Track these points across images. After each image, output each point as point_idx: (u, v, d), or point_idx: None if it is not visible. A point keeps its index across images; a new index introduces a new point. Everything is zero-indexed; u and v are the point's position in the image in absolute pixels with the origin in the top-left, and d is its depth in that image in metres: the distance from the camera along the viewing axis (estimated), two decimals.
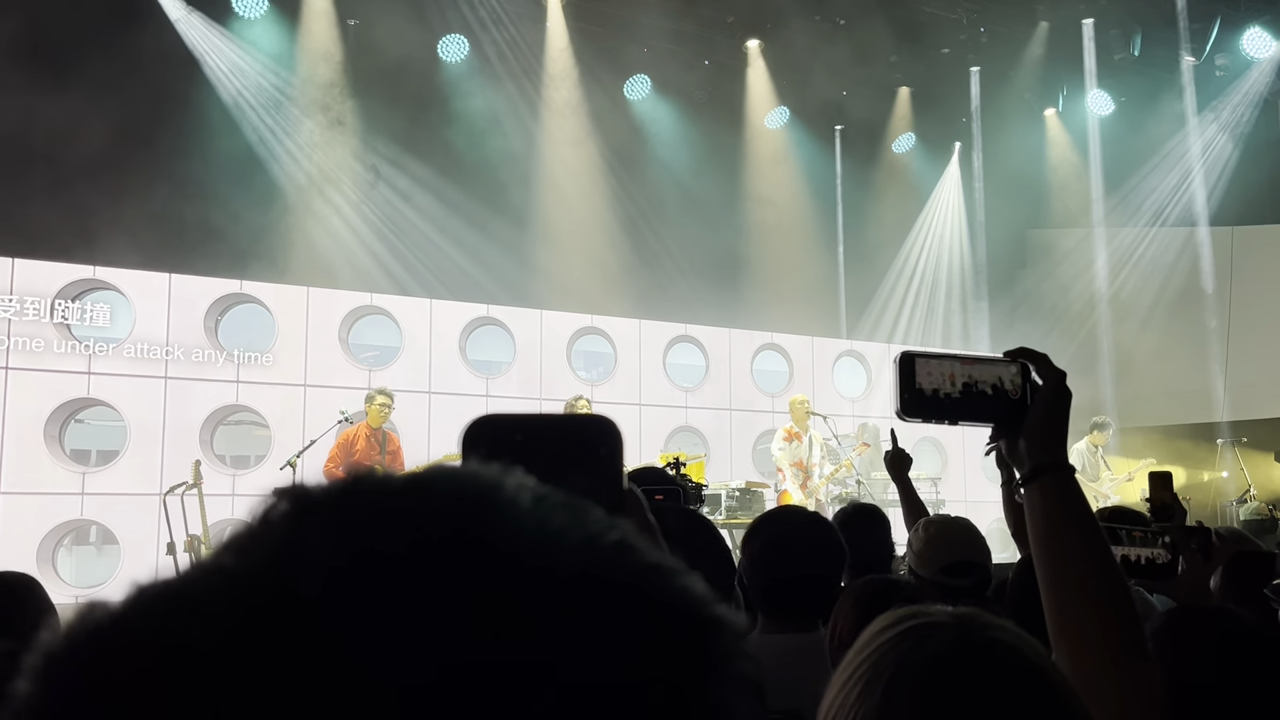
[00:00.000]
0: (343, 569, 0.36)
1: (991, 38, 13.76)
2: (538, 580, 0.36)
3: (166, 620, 0.35)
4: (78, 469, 9.50)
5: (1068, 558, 1.15)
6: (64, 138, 9.43)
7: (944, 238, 15.17)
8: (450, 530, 0.37)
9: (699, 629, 0.38)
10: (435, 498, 0.39)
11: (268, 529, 0.38)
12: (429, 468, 0.42)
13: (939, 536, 2.72)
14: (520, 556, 0.37)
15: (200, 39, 10.91)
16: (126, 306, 9.76)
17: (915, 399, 1.22)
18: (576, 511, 0.40)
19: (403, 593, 0.35)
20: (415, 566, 0.36)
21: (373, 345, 11.36)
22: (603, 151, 12.76)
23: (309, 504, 0.39)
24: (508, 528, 0.38)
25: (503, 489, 0.40)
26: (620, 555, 0.39)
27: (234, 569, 0.37)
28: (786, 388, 12.64)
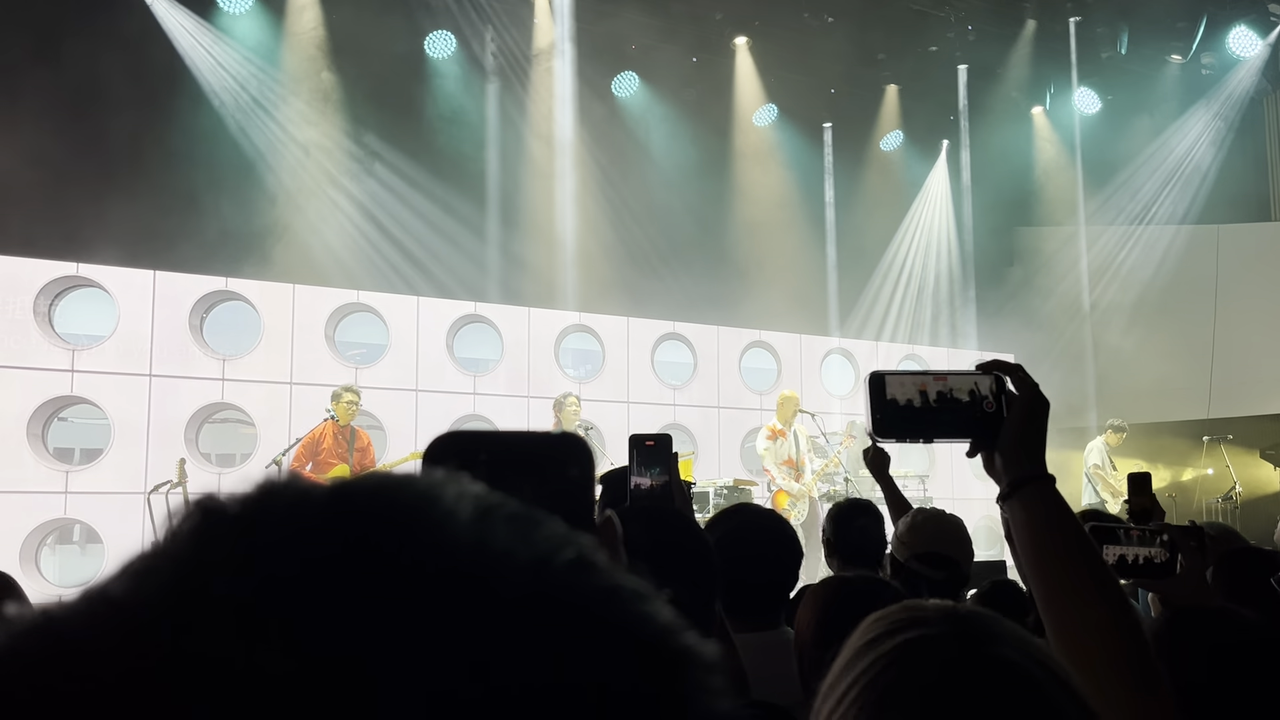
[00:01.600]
0: (242, 598, 0.31)
1: (979, 36, 13.78)
2: (474, 604, 0.32)
3: (39, 663, 0.31)
4: (61, 467, 9.43)
5: (1058, 568, 1.12)
6: (46, 134, 9.34)
7: (932, 235, 15.19)
8: (371, 545, 0.33)
9: (664, 663, 0.34)
10: (359, 509, 0.35)
11: (168, 549, 0.34)
12: (363, 474, 0.37)
13: (923, 525, 2.74)
14: (454, 576, 0.33)
15: (185, 34, 10.83)
16: (110, 304, 9.69)
17: (888, 418, 1.19)
18: (526, 525, 0.36)
19: (309, 619, 0.31)
20: (327, 588, 0.32)
21: (359, 343, 11.30)
22: (590, 148, 12.73)
23: (214, 520, 0.35)
24: (441, 543, 0.33)
25: (440, 498, 0.35)
26: (575, 576, 0.34)
27: (120, 597, 0.33)
28: (775, 385, 12.64)
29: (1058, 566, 1.12)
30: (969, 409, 1.20)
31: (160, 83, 10.43)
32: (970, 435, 1.21)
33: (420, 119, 11.88)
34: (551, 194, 12.45)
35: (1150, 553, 1.79)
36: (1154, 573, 1.80)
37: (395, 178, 11.65)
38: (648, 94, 13.23)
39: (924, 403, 1.19)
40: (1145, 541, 1.80)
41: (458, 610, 0.32)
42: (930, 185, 15.25)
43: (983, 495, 13.16)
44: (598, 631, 0.33)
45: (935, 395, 1.19)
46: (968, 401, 1.20)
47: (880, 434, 1.19)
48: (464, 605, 0.32)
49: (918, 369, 1.22)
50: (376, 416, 10.40)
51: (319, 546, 0.33)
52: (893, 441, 1.22)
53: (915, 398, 1.19)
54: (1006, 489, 1.18)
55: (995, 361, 1.23)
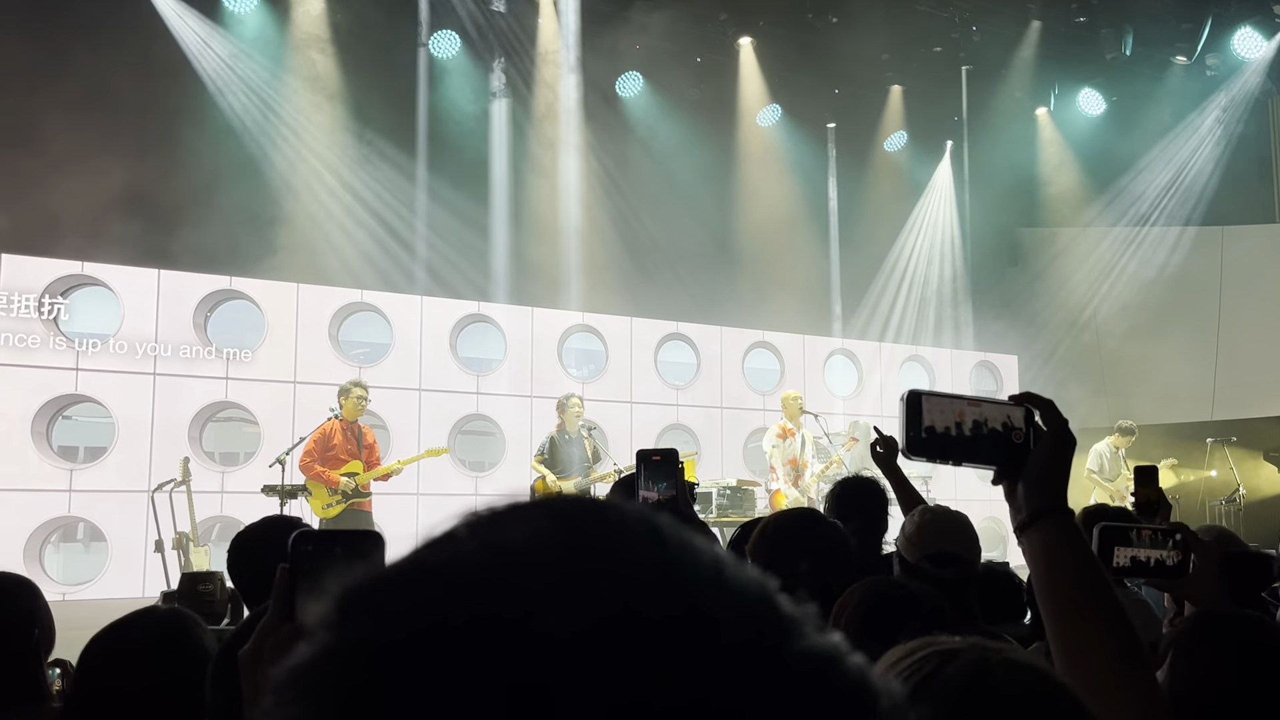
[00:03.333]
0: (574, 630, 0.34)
1: (984, 37, 13.76)
2: (774, 679, 0.35)
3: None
4: (65, 465, 9.45)
5: (1069, 599, 1.15)
6: (52, 132, 9.36)
7: (935, 236, 15.18)
8: (680, 610, 0.35)
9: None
10: (651, 564, 0.37)
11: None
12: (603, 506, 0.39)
13: (930, 524, 2.73)
14: (754, 648, 0.35)
15: (190, 32, 10.85)
16: (115, 302, 9.71)
17: (920, 438, 1.21)
18: (766, 583, 0.39)
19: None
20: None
21: (363, 342, 11.32)
22: (595, 148, 12.73)
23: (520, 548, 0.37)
24: (733, 609, 0.36)
25: (697, 554, 0.38)
26: (832, 648, 0.37)
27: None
28: (778, 386, 12.64)
29: (1068, 597, 1.15)
30: (999, 438, 1.22)
31: (166, 81, 10.45)
32: (996, 463, 1.24)
33: (425, 119, 11.89)
34: (555, 194, 12.46)
35: (1163, 554, 1.79)
36: (1167, 573, 1.80)
37: (399, 177, 11.66)
38: (652, 94, 13.24)
39: (956, 427, 1.21)
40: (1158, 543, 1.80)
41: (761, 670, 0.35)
42: (934, 186, 15.24)
43: (985, 496, 13.15)
44: (853, 700, 0.36)
45: (969, 421, 1.22)
46: (998, 431, 1.22)
47: (912, 452, 1.21)
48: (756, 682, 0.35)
49: (953, 393, 1.25)
50: (380, 416, 10.41)
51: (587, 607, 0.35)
52: (922, 460, 1.24)
53: (949, 421, 1.21)
54: (1025, 519, 1.20)
55: (1028, 395, 1.25)
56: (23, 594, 2.22)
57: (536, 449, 9.01)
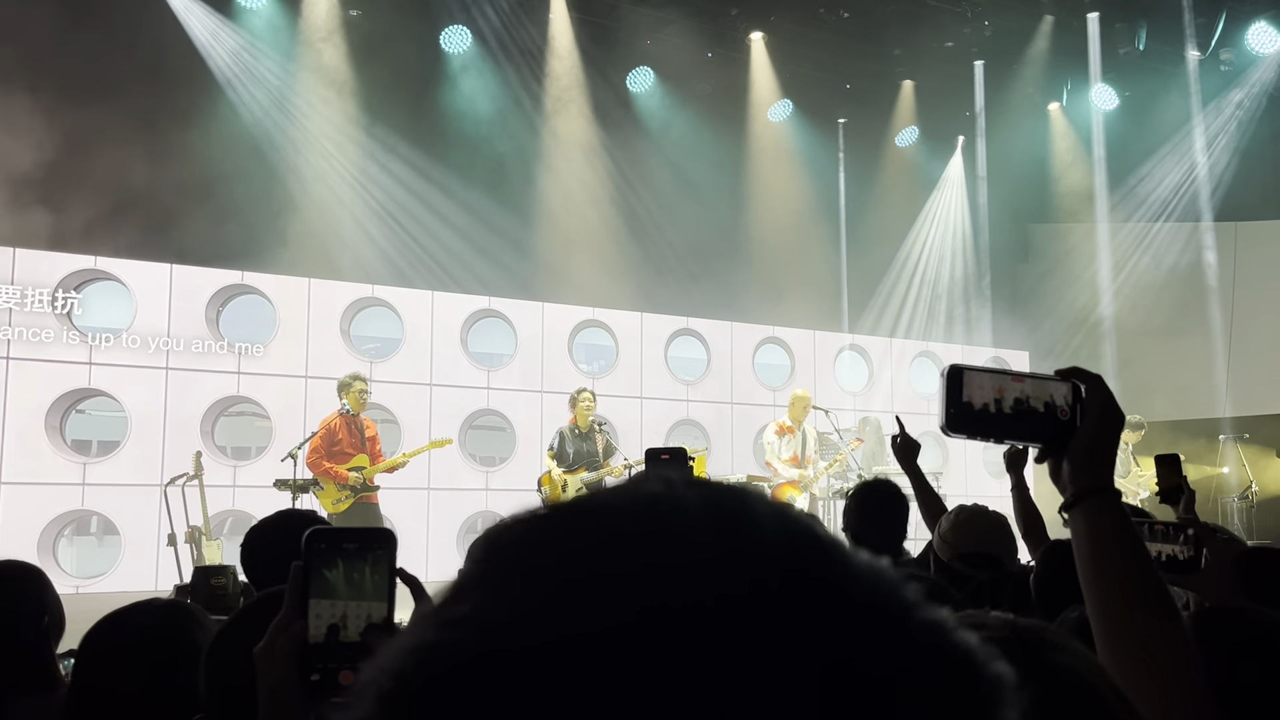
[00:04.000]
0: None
1: (996, 31, 13.71)
2: (900, 645, 0.37)
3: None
4: (79, 459, 9.50)
5: (1114, 580, 1.13)
6: (63, 127, 9.40)
7: (947, 231, 15.14)
8: (812, 577, 0.37)
9: (1005, 697, 0.39)
10: (768, 540, 0.38)
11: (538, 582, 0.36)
12: (734, 488, 0.40)
13: (967, 524, 2.69)
14: (882, 613, 0.37)
15: (202, 28, 10.87)
16: (128, 297, 9.75)
17: (961, 414, 1.16)
18: (874, 559, 0.40)
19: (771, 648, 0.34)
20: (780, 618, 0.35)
21: (374, 337, 11.35)
22: (605, 144, 12.73)
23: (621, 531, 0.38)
24: (859, 580, 0.38)
25: (822, 528, 0.40)
26: (938, 615, 0.39)
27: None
28: (788, 381, 12.63)
29: (1114, 578, 1.13)
30: (1043, 414, 1.18)
31: (177, 77, 10.48)
32: (1041, 440, 1.20)
33: (436, 114, 11.90)
34: (566, 189, 12.46)
35: (1175, 549, 1.79)
36: (1179, 568, 1.80)
37: (410, 172, 11.68)
38: (663, 89, 13.22)
39: (998, 403, 1.17)
40: (1170, 538, 1.80)
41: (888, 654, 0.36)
42: (945, 181, 15.19)
43: (997, 493, 13.11)
44: (970, 673, 0.38)
45: (1011, 397, 1.18)
46: (1042, 407, 1.18)
47: (952, 429, 1.17)
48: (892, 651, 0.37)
49: (995, 368, 1.21)
50: (390, 410, 10.44)
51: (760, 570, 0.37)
52: (963, 438, 1.20)
53: (991, 397, 1.17)
54: (1070, 499, 1.18)
55: (1074, 369, 1.21)
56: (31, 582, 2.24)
57: (547, 444, 9.03)
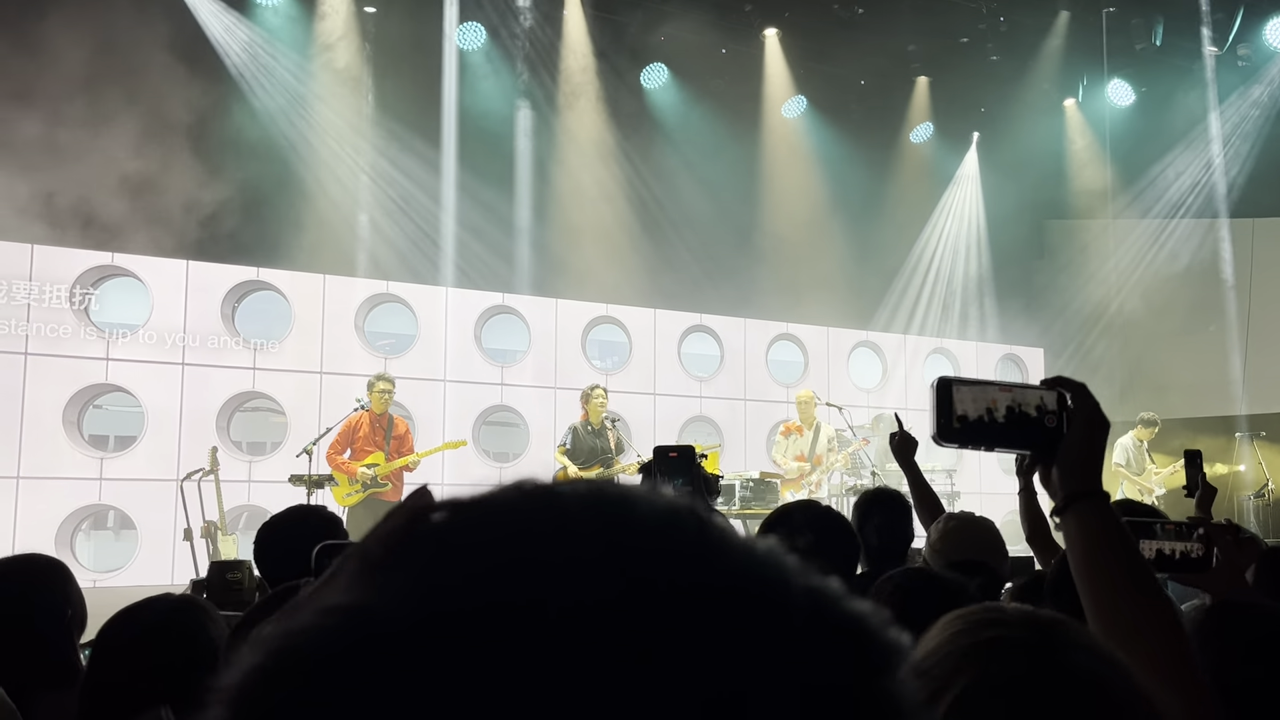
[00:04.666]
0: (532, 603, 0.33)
1: (1011, 27, 13.64)
2: (776, 630, 0.35)
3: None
4: (96, 454, 9.57)
5: (1107, 582, 1.16)
6: (80, 124, 9.46)
7: (961, 228, 15.08)
8: (674, 571, 0.35)
9: (896, 660, 0.37)
10: (643, 529, 0.37)
11: (403, 554, 0.35)
12: (615, 487, 0.39)
13: (955, 532, 2.71)
14: (754, 599, 0.35)
15: (218, 25, 10.92)
16: (144, 293, 9.82)
17: (951, 425, 1.20)
18: (771, 546, 0.39)
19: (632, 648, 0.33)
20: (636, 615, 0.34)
21: (388, 333, 11.39)
22: (619, 140, 12.73)
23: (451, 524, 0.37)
24: (731, 565, 0.36)
25: (703, 515, 0.38)
26: (832, 593, 0.38)
27: (359, 605, 0.34)
28: (801, 378, 12.62)
29: (1107, 580, 1.16)
30: (1031, 422, 1.22)
31: (193, 73, 10.51)
32: (1030, 448, 1.24)
33: (450, 110, 11.92)
34: (579, 185, 12.47)
35: (1186, 547, 1.80)
36: (1190, 567, 1.80)
37: (424, 168, 11.70)
38: (676, 85, 13.21)
39: (988, 413, 1.21)
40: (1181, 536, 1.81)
41: (764, 631, 0.35)
42: (960, 177, 15.13)
43: (1010, 490, 13.07)
44: (849, 643, 0.37)
45: (1000, 406, 1.21)
46: (1031, 415, 1.22)
47: (943, 440, 1.21)
48: (767, 624, 0.35)
49: (984, 379, 1.25)
50: (405, 406, 10.48)
51: (616, 567, 0.35)
52: (954, 447, 1.24)
53: (980, 407, 1.21)
54: (1061, 503, 1.21)
55: (1060, 378, 1.25)
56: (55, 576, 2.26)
57: (560, 440, 9.05)
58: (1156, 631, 1.11)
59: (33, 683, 2.07)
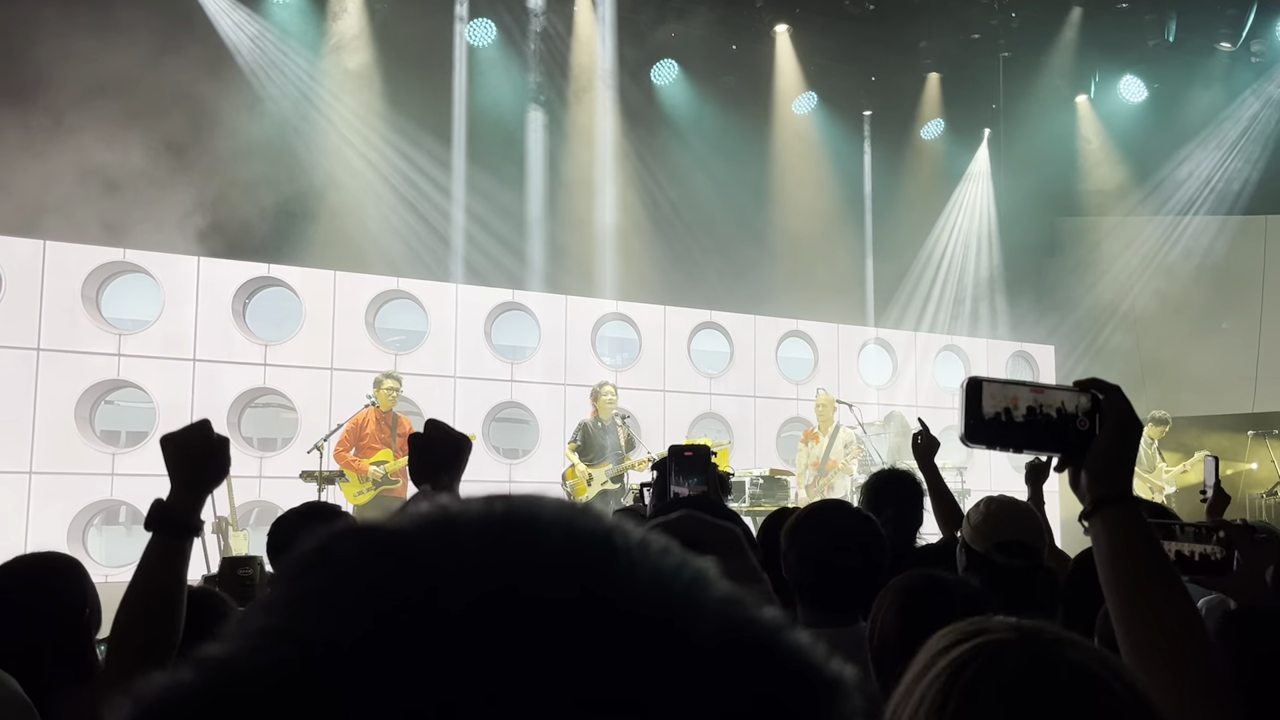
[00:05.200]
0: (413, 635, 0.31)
1: (1023, 23, 13.59)
2: (677, 653, 0.32)
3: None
4: (108, 450, 9.61)
5: (1134, 587, 1.15)
6: (90, 120, 9.49)
7: (972, 225, 15.03)
8: (573, 591, 0.33)
9: (828, 699, 0.35)
10: (545, 547, 0.34)
11: (314, 582, 0.33)
12: (518, 498, 0.36)
13: (999, 514, 2.74)
14: (656, 623, 0.33)
15: (227, 20, 10.94)
16: (156, 289, 9.85)
17: (981, 425, 1.20)
18: (690, 563, 0.35)
19: (519, 670, 0.31)
20: (535, 632, 0.31)
21: (399, 329, 11.41)
22: (629, 136, 12.72)
23: (380, 543, 0.34)
24: (634, 587, 0.33)
25: (617, 534, 0.35)
26: (749, 617, 0.35)
27: (266, 633, 0.33)
28: (812, 375, 12.60)
29: (1134, 583, 1.15)
30: (1061, 424, 1.21)
31: (204, 69, 10.54)
32: (1060, 450, 1.23)
33: (461, 106, 11.92)
34: (590, 181, 12.47)
35: (1207, 549, 1.78)
36: (1211, 569, 1.79)
37: (434, 165, 11.71)
38: (687, 82, 13.19)
39: (1018, 414, 1.20)
40: (1202, 538, 1.79)
41: (661, 659, 0.32)
42: (971, 174, 15.08)
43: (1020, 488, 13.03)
44: (777, 674, 0.34)
45: (1030, 408, 1.20)
46: (1061, 417, 1.21)
47: (972, 440, 1.20)
48: (669, 654, 0.32)
49: (1015, 379, 1.23)
50: (415, 403, 10.50)
51: (513, 587, 0.33)
52: (982, 447, 1.23)
53: (1010, 408, 1.20)
54: (1090, 507, 1.20)
55: (1093, 380, 1.24)
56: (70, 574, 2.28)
57: (570, 437, 9.06)
58: (1181, 637, 1.11)
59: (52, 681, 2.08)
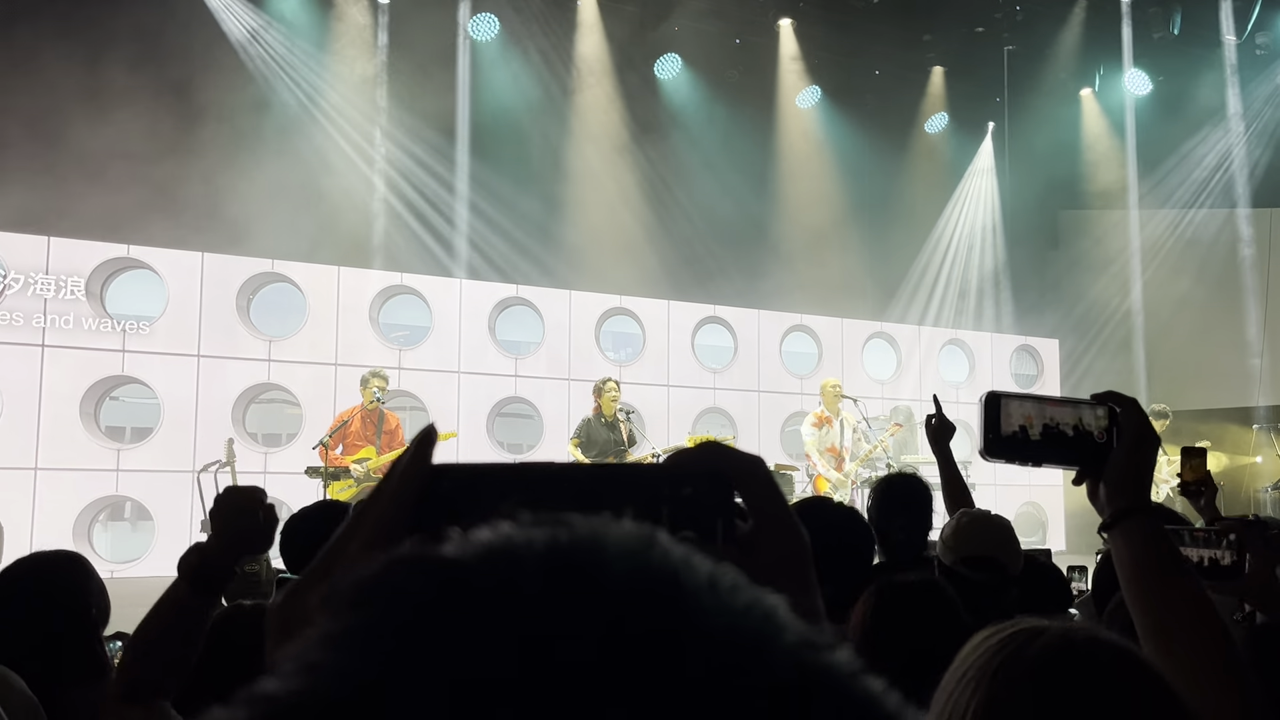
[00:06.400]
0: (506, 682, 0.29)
1: (1027, 16, 13.56)
2: (749, 703, 0.30)
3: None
4: (113, 446, 9.63)
5: (1158, 600, 1.16)
6: (97, 117, 9.50)
7: (976, 218, 15.01)
8: (641, 638, 0.30)
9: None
10: (612, 590, 0.32)
11: (371, 618, 0.31)
12: (583, 528, 0.34)
13: (968, 528, 2.72)
14: (727, 670, 0.31)
15: (233, 17, 10.94)
16: (160, 285, 9.86)
17: (999, 440, 1.21)
18: (761, 602, 0.33)
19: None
20: (609, 682, 0.29)
21: (403, 325, 11.41)
22: (633, 131, 12.70)
23: (441, 578, 0.32)
24: (704, 633, 0.31)
25: (690, 570, 0.33)
26: (823, 663, 0.32)
27: (325, 678, 0.30)
28: (815, 370, 12.60)
29: (1157, 596, 1.16)
30: (1079, 438, 1.22)
31: (209, 66, 10.54)
32: (1078, 464, 1.24)
33: (464, 102, 11.91)
34: (593, 176, 12.46)
35: (1216, 554, 1.76)
36: (1222, 574, 1.77)
37: (438, 160, 11.71)
38: (690, 76, 13.18)
39: (1035, 430, 1.21)
40: (1211, 543, 1.77)
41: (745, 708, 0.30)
42: (975, 168, 15.06)
43: (1025, 482, 13.04)
44: (842, 716, 0.32)
45: (1048, 422, 1.21)
46: (1078, 431, 1.22)
47: (991, 455, 1.21)
48: (752, 703, 0.30)
49: (1032, 394, 1.25)
50: (419, 397, 10.51)
51: (582, 628, 0.30)
52: (1001, 462, 1.24)
53: (1028, 423, 1.21)
54: (1108, 519, 1.21)
55: (1110, 393, 1.25)
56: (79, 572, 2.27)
57: (573, 432, 9.06)
58: (1207, 647, 1.11)
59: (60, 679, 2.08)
